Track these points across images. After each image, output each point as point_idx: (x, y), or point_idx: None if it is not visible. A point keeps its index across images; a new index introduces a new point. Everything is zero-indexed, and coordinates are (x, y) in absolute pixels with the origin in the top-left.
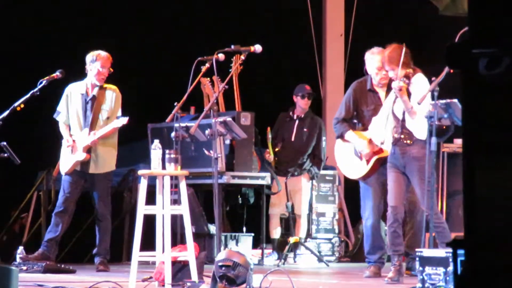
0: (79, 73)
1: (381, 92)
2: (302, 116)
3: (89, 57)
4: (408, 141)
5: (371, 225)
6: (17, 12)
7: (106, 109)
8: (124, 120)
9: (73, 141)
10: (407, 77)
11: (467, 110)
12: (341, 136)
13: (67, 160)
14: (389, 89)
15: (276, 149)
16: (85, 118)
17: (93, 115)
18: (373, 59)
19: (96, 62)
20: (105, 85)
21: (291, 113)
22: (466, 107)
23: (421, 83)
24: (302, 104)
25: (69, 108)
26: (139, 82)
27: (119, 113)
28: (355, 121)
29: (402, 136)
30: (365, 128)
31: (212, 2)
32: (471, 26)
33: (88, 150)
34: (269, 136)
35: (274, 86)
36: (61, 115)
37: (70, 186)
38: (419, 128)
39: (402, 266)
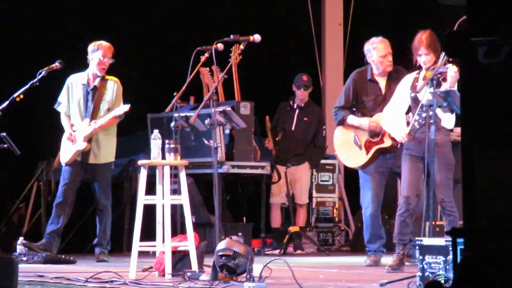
0: (79, 64)
1: (382, 82)
2: (302, 105)
3: (91, 47)
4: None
5: (370, 214)
6: (17, 3)
7: (107, 100)
8: (126, 108)
9: (73, 132)
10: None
11: (466, 99)
12: (342, 122)
13: (68, 150)
14: (389, 78)
15: (277, 138)
16: (86, 108)
17: (94, 105)
18: (376, 48)
19: (98, 51)
20: (107, 77)
21: (291, 102)
22: (465, 95)
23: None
24: (298, 94)
25: (70, 98)
26: (139, 73)
27: (121, 104)
28: (354, 109)
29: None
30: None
31: None
32: (470, 15)
33: (89, 140)
34: (268, 125)
35: (274, 75)
36: (62, 106)
37: (70, 177)
38: (449, 117)
39: (405, 256)
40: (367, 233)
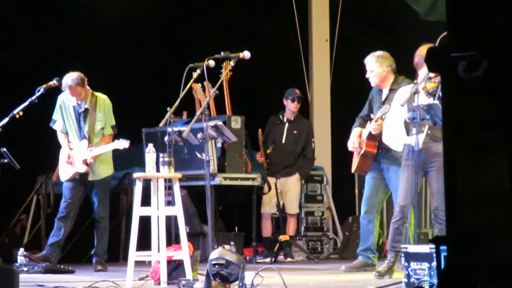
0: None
1: (385, 92)
2: (292, 119)
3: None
4: (439, 137)
5: (361, 216)
6: (14, 23)
7: (99, 120)
8: (126, 144)
9: (71, 153)
10: None
11: (447, 111)
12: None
13: (67, 169)
14: (392, 89)
15: (268, 151)
16: (80, 129)
17: (89, 127)
18: (365, 63)
19: (66, 90)
20: (95, 93)
21: (281, 116)
22: (446, 108)
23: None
24: (292, 107)
25: (65, 118)
26: (134, 89)
27: (113, 121)
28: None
29: (431, 133)
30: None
31: (202, 11)
32: (450, 31)
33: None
34: (261, 138)
35: (263, 90)
36: (57, 124)
37: (71, 192)
38: None
39: (395, 264)
40: (360, 234)
